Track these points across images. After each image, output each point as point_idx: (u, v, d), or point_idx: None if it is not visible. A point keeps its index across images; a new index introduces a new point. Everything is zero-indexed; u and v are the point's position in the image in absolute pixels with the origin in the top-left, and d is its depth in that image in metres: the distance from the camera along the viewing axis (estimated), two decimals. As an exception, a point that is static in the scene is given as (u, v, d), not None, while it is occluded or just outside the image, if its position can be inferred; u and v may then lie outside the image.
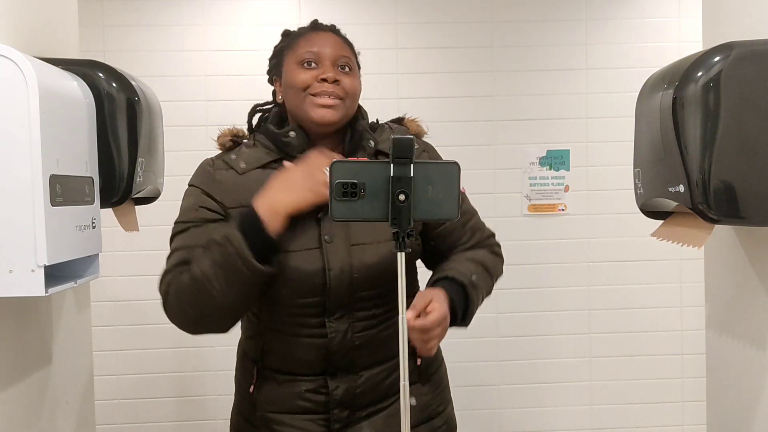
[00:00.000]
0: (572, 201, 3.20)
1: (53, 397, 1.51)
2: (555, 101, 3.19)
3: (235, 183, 1.42)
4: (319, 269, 1.37)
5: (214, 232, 1.36)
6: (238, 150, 1.48)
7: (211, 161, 1.48)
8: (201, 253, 1.34)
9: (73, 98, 1.31)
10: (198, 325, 1.39)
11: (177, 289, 1.34)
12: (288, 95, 1.46)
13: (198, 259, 1.33)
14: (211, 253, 1.32)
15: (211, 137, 1.54)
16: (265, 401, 1.46)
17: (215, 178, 1.44)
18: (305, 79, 1.42)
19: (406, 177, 1.06)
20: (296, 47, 1.46)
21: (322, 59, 1.43)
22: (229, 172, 1.44)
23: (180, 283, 1.34)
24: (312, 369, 1.42)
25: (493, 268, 1.52)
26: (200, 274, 1.31)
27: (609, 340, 3.23)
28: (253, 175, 1.43)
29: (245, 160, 1.45)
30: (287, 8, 3.10)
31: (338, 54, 1.44)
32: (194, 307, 1.34)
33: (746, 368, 1.46)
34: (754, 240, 1.42)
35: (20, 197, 1.15)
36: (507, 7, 3.18)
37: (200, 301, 1.33)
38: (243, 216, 1.33)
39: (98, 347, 2.70)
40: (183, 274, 1.35)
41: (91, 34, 3.00)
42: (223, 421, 3.10)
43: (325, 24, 1.52)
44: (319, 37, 1.46)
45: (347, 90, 1.43)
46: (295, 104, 1.44)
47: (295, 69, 1.44)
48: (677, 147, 1.26)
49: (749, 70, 1.21)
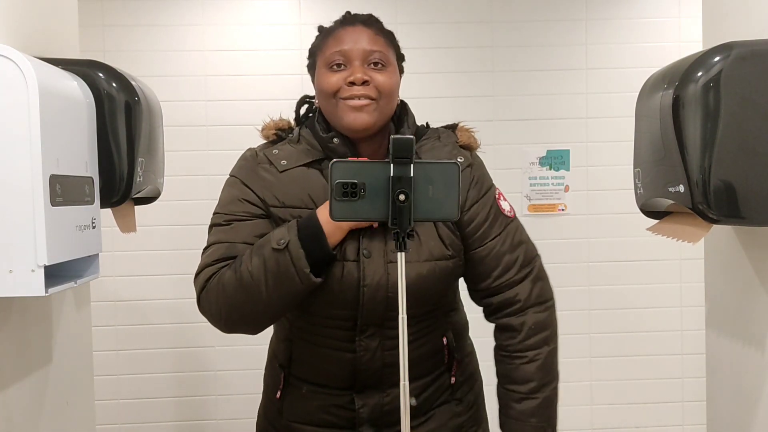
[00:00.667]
0: (572, 201, 3.20)
1: (53, 397, 1.51)
2: (555, 101, 3.19)
3: (275, 180, 1.38)
4: (354, 284, 1.32)
5: (262, 231, 1.33)
6: (281, 145, 1.43)
7: (254, 153, 1.43)
8: (250, 253, 1.29)
9: (73, 98, 1.31)
10: (234, 325, 1.34)
11: (219, 287, 1.31)
12: (321, 101, 1.40)
13: (246, 259, 1.29)
14: (263, 257, 1.27)
15: (242, 139, 1.47)
16: (291, 410, 1.44)
17: (258, 173, 1.39)
18: (334, 83, 1.35)
19: (406, 177, 1.06)
20: (325, 48, 1.39)
21: (350, 59, 1.35)
22: (271, 168, 1.39)
23: (223, 281, 1.30)
24: (339, 383, 1.39)
25: (549, 353, 1.46)
26: (248, 275, 1.27)
27: (609, 340, 3.23)
28: (294, 173, 1.38)
29: (287, 157, 1.40)
30: (287, 8, 3.10)
31: (368, 50, 1.36)
32: (235, 307, 1.31)
33: (746, 368, 1.46)
34: (754, 240, 1.42)
35: (20, 197, 1.15)
36: (507, 7, 3.18)
37: (243, 301, 1.29)
38: (303, 224, 1.28)
39: (98, 347, 2.70)
40: (226, 272, 1.30)
41: (91, 34, 3.00)
42: (224, 421, 3.12)
43: (359, 15, 1.43)
44: (347, 34, 1.38)
45: (380, 88, 1.35)
46: (328, 110, 1.39)
47: (324, 73, 1.37)
48: (677, 147, 1.26)
49: (749, 70, 1.21)
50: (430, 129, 1.49)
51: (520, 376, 1.42)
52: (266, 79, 3.03)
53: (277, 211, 1.36)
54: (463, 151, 1.44)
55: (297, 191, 1.37)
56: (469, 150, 1.46)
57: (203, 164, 3.02)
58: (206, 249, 1.38)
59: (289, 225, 1.29)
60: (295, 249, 1.25)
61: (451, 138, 1.46)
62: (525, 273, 1.43)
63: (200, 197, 2.98)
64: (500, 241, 1.41)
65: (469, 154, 1.45)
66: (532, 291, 1.43)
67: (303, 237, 1.26)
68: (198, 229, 1.47)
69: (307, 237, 1.27)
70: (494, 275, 1.41)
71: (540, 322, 1.43)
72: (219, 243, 1.35)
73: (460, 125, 1.50)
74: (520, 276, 1.42)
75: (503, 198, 1.47)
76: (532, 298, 1.43)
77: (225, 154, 1.53)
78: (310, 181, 1.37)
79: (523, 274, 1.43)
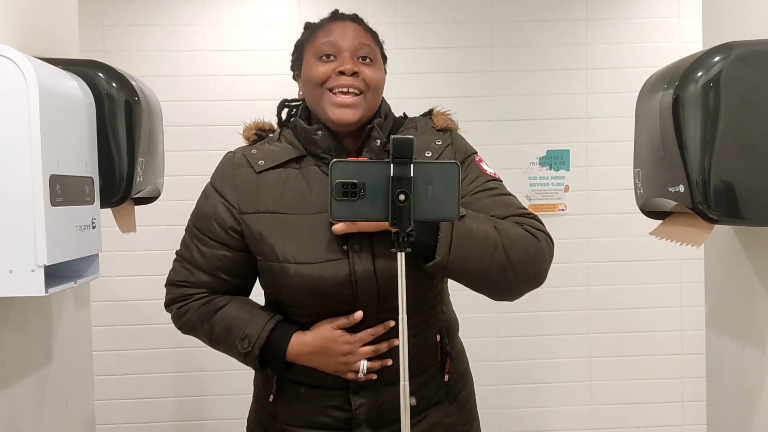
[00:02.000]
0: (572, 201, 3.20)
1: (53, 397, 1.51)
2: (555, 101, 3.19)
3: (252, 185, 1.40)
4: (346, 280, 1.33)
5: (223, 264, 1.42)
6: (261, 144, 1.45)
7: (232, 157, 1.46)
8: (219, 321, 1.40)
9: (73, 98, 1.31)
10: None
11: (190, 329, 1.46)
12: (307, 91, 1.41)
13: (215, 324, 1.40)
14: (226, 337, 1.39)
15: (238, 132, 1.50)
16: (286, 413, 1.43)
17: (234, 180, 1.42)
18: (323, 72, 1.35)
19: (406, 177, 1.05)
20: (314, 40, 1.40)
21: (340, 50, 1.36)
22: (248, 170, 1.41)
23: (189, 323, 1.44)
24: (335, 383, 1.39)
25: (511, 237, 1.29)
26: (209, 339, 1.43)
27: (609, 340, 3.23)
28: (271, 175, 1.40)
29: (265, 157, 1.41)
30: (287, 8, 3.10)
31: (358, 44, 1.37)
32: (201, 338, 1.47)
33: (746, 368, 1.46)
34: (754, 240, 1.42)
35: (20, 197, 1.15)
36: (507, 7, 3.18)
37: (201, 339, 1.47)
38: (272, 339, 1.37)
39: (98, 347, 2.70)
40: (189, 315, 1.43)
41: (91, 34, 3.00)
42: (223, 421, 3.12)
43: (346, 13, 1.45)
44: (338, 27, 1.39)
45: (368, 82, 1.36)
46: (313, 100, 1.39)
47: (313, 63, 1.38)
48: (677, 147, 1.26)
49: (749, 70, 1.21)
50: (407, 119, 1.50)
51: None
52: (266, 79, 3.04)
53: (250, 218, 1.39)
54: (440, 133, 1.45)
55: (272, 195, 1.39)
56: (448, 131, 1.46)
57: (203, 164, 3.01)
58: (178, 255, 1.48)
59: (260, 331, 1.37)
60: (251, 360, 1.38)
61: (428, 125, 1.46)
62: (507, 215, 1.36)
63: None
64: (484, 195, 1.38)
65: (447, 136, 1.45)
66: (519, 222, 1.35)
67: (264, 354, 1.37)
68: (198, 229, 1.48)
69: (267, 356, 1.38)
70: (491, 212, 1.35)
71: (511, 226, 1.32)
72: (185, 262, 1.45)
73: (435, 110, 1.50)
74: (525, 211, 1.38)
75: (485, 163, 1.46)
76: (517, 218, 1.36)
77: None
78: (287, 182, 1.39)
79: (524, 211, 1.38)
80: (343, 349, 1.34)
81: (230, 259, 1.41)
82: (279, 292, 1.39)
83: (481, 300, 1.44)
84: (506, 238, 1.29)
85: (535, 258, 1.32)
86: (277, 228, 1.37)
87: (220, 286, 1.43)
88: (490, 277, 1.29)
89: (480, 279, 1.30)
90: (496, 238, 1.28)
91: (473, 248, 1.26)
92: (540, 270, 1.34)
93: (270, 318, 1.38)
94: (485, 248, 1.27)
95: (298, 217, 1.36)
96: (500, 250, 1.28)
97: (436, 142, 1.43)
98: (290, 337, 1.37)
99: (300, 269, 1.33)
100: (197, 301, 1.43)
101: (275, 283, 1.38)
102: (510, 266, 1.29)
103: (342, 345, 1.34)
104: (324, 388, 1.40)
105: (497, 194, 1.39)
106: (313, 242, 1.34)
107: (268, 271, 1.38)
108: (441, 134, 1.45)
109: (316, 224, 1.35)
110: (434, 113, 1.50)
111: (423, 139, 1.43)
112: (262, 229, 1.37)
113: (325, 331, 1.35)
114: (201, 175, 3.37)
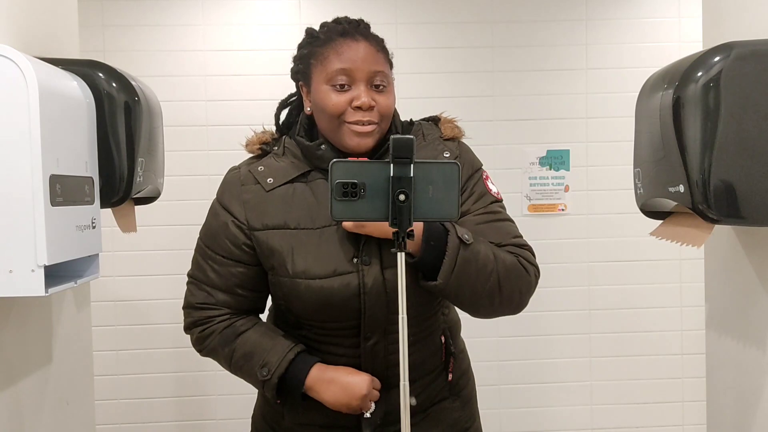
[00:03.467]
0: (572, 201, 3.20)
1: (53, 397, 1.51)
2: (555, 101, 3.19)
3: (261, 200, 1.39)
4: (355, 293, 1.33)
5: (239, 280, 1.41)
6: (267, 159, 1.43)
7: (238, 173, 1.44)
8: (240, 345, 1.39)
9: (73, 98, 1.31)
10: None
11: (210, 353, 1.45)
12: (320, 117, 1.39)
13: (236, 349, 1.40)
14: (245, 363, 1.39)
15: (241, 139, 1.50)
16: (294, 414, 1.43)
17: (241, 197, 1.40)
18: (338, 104, 1.33)
19: (406, 177, 1.05)
20: (325, 61, 1.36)
21: (354, 79, 1.34)
22: (256, 187, 1.40)
23: (210, 347, 1.43)
24: (347, 422, 1.40)
25: (507, 267, 1.31)
26: (229, 364, 1.42)
27: (609, 340, 3.23)
28: (278, 191, 1.39)
29: (273, 174, 1.40)
30: (287, 8, 3.10)
31: (373, 71, 1.34)
32: (221, 362, 1.47)
33: (746, 368, 1.46)
34: (754, 240, 1.42)
35: (20, 197, 1.15)
36: (507, 7, 3.18)
37: (221, 363, 1.47)
38: (292, 370, 1.36)
39: (98, 347, 2.70)
40: (211, 339, 1.42)
41: (91, 34, 3.00)
42: (223, 421, 3.12)
43: (356, 26, 1.39)
44: (350, 50, 1.34)
45: (383, 112, 1.35)
46: (328, 128, 1.37)
47: (326, 91, 1.35)
48: (677, 147, 1.26)
49: (749, 70, 1.21)
50: (414, 125, 1.49)
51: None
52: (266, 79, 3.03)
53: (260, 234, 1.38)
54: (448, 143, 1.44)
55: (280, 210, 1.38)
56: (455, 140, 1.45)
57: (203, 164, 3.02)
58: (192, 277, 1.46)
59: (281, 360, 1.36)
60: (269, 388, 1.36)
61: (435, 133, 1.46)
62: (504, 243, 1.36)
63: (200, 197, 2.96)
64: (485, 219, 1.39)
65: (455, 146, 1.44)
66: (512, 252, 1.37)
67: (282, 382, 1.36)
68: (198, 230, 1.47)
69: (285, 384, 1.37)
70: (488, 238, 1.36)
71: (507, 256, 1.34)
72: (201, 284, 1.44)
73: (443, 117, 1.49)
74: (521, 241, 1.39)
75: (491, 181, 1.47)
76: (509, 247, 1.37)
77: (225, 154, 1.54)
78: (294, 197, 1.39)
79: (520, 241, 1.39)
80: (363, 392, 1.35)
81: (246, 274, 1.41)
82: (290, 305, 1.39)
83: (481, 300, 1.44)
84: (502, 269, 1.31)
85: (521, 290, 1.35)
86: (286, 243, 1.36)
87: (238, 303, 1.43)
88: (476, 301, 1.32)
89: (467, 301, 1.33)
90: (493, 267, 1.30)
91: (472, 275, 1.28)
92: (522, 301, 1.37)
93: (291, 348, 1.38)
94: (482, 276, 1.29)
95: (307, 231, 1.36)
96: (494, 279, 1.30)
97: (444, 153, 1.42)
98: (310, 367, 1.37)
99: (310, 284, 1.34)
100: (219, 324, 1.42)
101: (286, 297, 1.38)
102: (499, 295, 1.32)
103: (363, 388, 1.35)
104: (335, 428, 1.42)
105: (498, 219, 1.40)
106: (322, 256, 1.34)
107: (278, 286, 1.39)
108: (449, 144, 1.44)
109: (324, 237, 1.35)
110: (441, 121, 1.48)
111: (431, 149, 1.42)
112: (272, 244, 1.37)
113: (353, 371, 1.37)
114: (201, 175, 3.38)
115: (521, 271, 1.34)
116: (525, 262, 1.36)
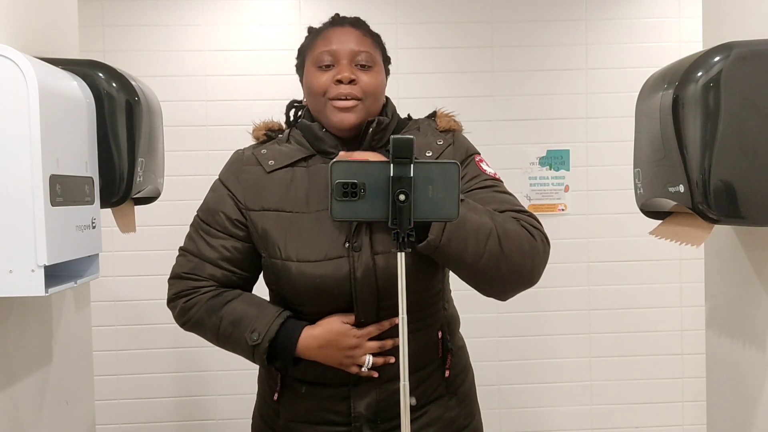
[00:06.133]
0: (572, 201, 3.20)
1: (53, 397, 1.51)
2: (555, 101, 3.19)
3: (260, 182, 1.42)
4: (346, 278, 1.34)
5: (229, 252, 1.41)
6: (270, 144, 1.48)
7: (242, 154, 1.48)
8: (227, 314, 1.39)
9: (73, 98, 1.31)
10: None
11: (195, 326, 1.44)
12: (309, 99, 1.45)
13: (223, 317, 1.39)
14: (233, 330, 1.38)
15: (242, 139, 1.52)
16: (289, 411, 1.45)
17: (241, 176, 1.44)
18: (322, 82, 1.39)
19: (406, 177, 1.06)
20: (314, 47, 1.43)
21: (338, 58, 1.39)
22: (257, 168, 1.44)
23: (195, 317, 1.42)
24: (335, 380, 1.40)
25: (506, 229, 1.28)
26: (216, 335, 1.41)
27: (609, 340, 3.23)
28: (279, 174, 1.42)
29: (275, 157, 1.44)
30: (287, 8, 3.10)
31: (355, 50, 1.39)
32: (206, 334, 1.45)
33: (746, 368, 1.46)
34: (754, 240, 1.42)
35: (20, 197, 1.15)
36: (507, 7, 3.18)
37: (206, 335, 1.45)
38: (282, 332, 1.36)
39: (98, 347, 2.70)
40: (196, 309, 1.41)
41: (91, 34, 3.00)
42: (223, 421, 3.12)
43: (347, 17, 1.46)
44: (336, 34, 1.41)
45: (365, 89, 1.39)
46: (315, 108, 1.43)
47: (312, 72, 1.41)
48: (677, 147, 1.26)
49: (749, 70, 1.21)
50: (411, 121, 1.51)
51: None
52: (266, 79, 3.03)
53: (255, 215, 1.41)
54: (442, 134, 1.45)
55: (277, 193, 1.40)
56: (451, 131, 1.46)
57: (203, 164, 3.02)
58: (183, 249, 1.47)
59: (270, 324, 1.36)
60: (259, 354, 1.36)
61: (430, 126, 1.47)
62: (504, 209, 1.35)
63: (200, 197, 2.96)
64: (482, 192, 1.38)
65: (449, 135, 1.45)
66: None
67: (272, 348, 1.36)
68: (198, 229, 1.48)
69: (275, 350, 1.37)
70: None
71: (508, 219, 1.31)
72: (190, 254, 1.45)
73: (439, 112, 1.51)
74: (522, 207, 1.38)
75: (485, 163, 1.47)
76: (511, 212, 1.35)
77: (225, 154, 1.54)
78: (292, 181, 1.41)
79: (522, 207, 1.38)
80: (351, 343, 1.36)
81: (238, 250, 1.43)
82: (281, 289, 1.40)
83: (481, 300, 1.44)
84: (501, 229, 1.27)
85: (528, 254, 1.30)
86: (280, 226, 1.38)
87: (226, 278, 1.43)
88: (481, 265, 1.26)
89: (472, 267, 1.27)
90: (490, 227, 1.26)
91: (467, 232, 1.24)
92: (533, 266, 1.31)
93: (279, 313, 1.39)
94: (479, 234, 1.25)
95: (301, 215, 1.38)
96: (494, 239, 1.26)
97: (437, 141, 1.44)
98: (300, 331, 1.37)
99: (302, 267, 1.35)
100: (204, 295, 1.42)
101: (278, 280, 1.40)
102: (503, 257, 1.27)
103: (350, 338, 1.36)
104: (324, 385, 1.41)
105: (496, 191, 1.40)
106: (315, 240, 1.36)
107: (271, 268, 1.40)
108: (443, 135, 1.46)
109: (318, 222, 1.37)
110: (438, 115, 1.51)
111: (425, 139, 1.44)
112: (266, 226, 1.39)
113: (334, 324, 1.36)
114: (201, 175, 3.39)
115: (524, 233, 1.30)
116: (528, 226, 1.32)
